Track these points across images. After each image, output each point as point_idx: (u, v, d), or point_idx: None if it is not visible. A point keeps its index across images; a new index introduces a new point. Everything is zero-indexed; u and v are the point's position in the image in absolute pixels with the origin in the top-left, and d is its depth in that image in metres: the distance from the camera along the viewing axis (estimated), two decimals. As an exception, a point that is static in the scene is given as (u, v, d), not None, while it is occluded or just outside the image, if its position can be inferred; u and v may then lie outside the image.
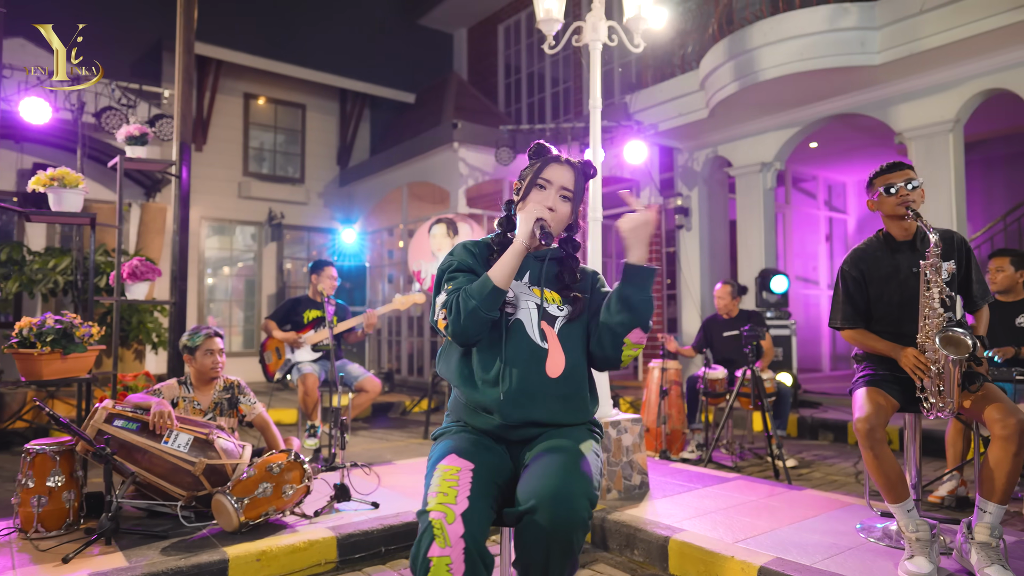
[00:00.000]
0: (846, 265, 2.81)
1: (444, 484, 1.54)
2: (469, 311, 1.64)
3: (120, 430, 2.93)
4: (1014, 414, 2.30)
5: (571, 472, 1.55)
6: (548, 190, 1.77)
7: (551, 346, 1.72)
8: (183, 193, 4.85)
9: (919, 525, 2.39)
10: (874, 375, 2.65)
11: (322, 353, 5.00)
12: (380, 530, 3.00)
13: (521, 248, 1.69)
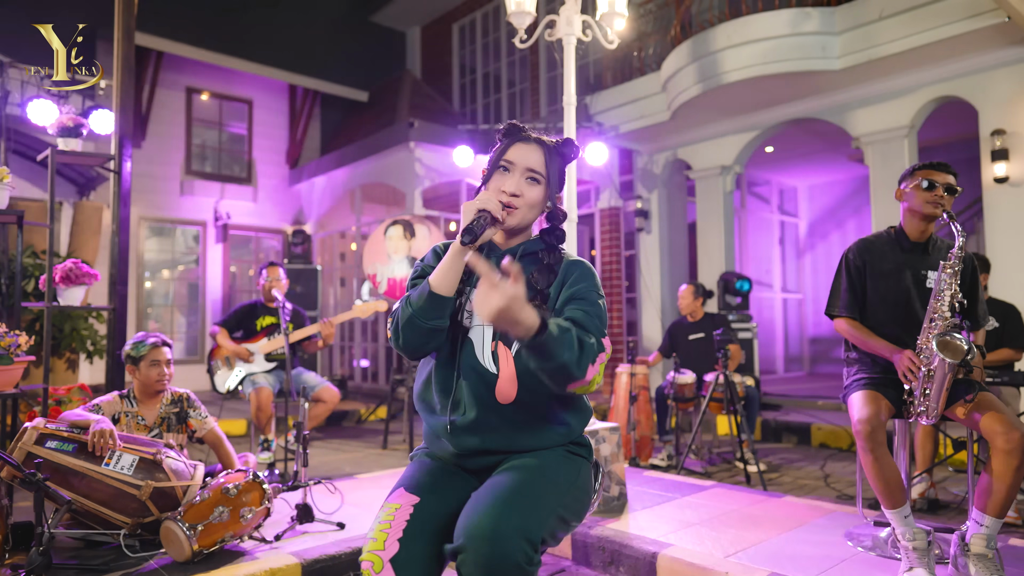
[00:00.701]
0: (851, 253, 2.72)
1: (377, 526, 1.40)
2: (406, 320, 1.47)
3: (54, 452, 2.63)
4: (1018, 427, 2.25)
5: (508, 504, 1.32)
6: (512, 172, 1.56)
7: (503, 370, 1.48)
8: (123, 191, 4.49)
9: (916, 534, 2.32)
10: (870, 378, 2.58)
11: (277, 363, 4.71)
12: (348, 553, 2.78)
13: (459, 249, 1.46)
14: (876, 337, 2.58)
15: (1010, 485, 2.23)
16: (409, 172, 8.49)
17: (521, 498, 1.35)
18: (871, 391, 2.50)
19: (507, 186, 1.54)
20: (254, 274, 10.93)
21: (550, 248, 1.62)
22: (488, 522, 1.29)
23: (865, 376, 2.60)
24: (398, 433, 6.37)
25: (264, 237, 10.77)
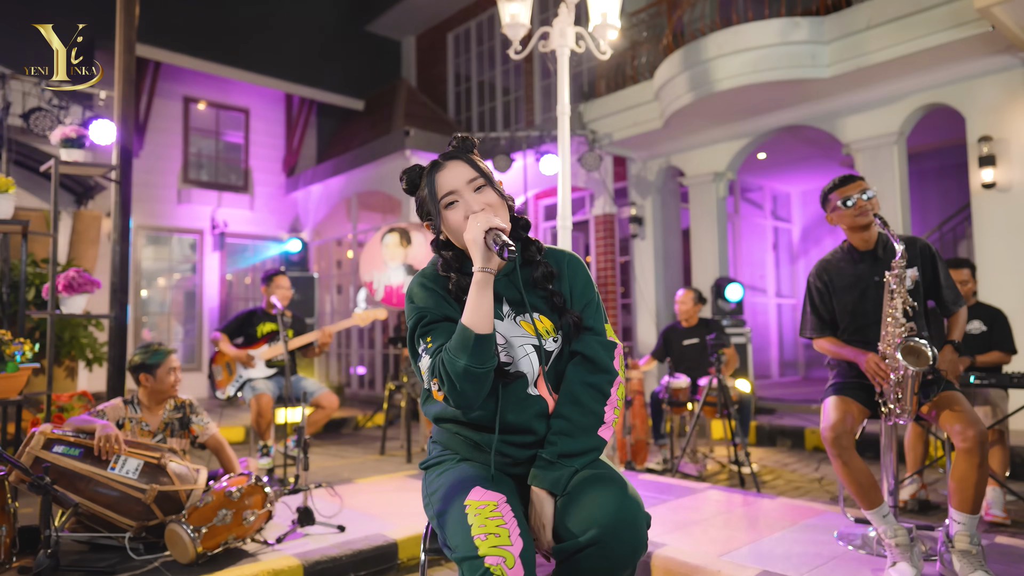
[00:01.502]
0: (812, 276, 2.82)
1: (490, 524, 1.34)
2: (463, 372, 1.39)
3: (61, 457, 2.68)
4: (973, 425, 2.32)
5: (625, 497, 1.41)
6: (460, 199, 1.53)
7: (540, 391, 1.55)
8: (124, 200, 4.54)
9: (897, 530, 2.39)
10: (843, 383, 2.65)
11: (276, 369, 4.77)
12: (349, 555, 2.84)
13: (484, 278, 1.42)
14: (845, 346, 2.68)
15: (975, 482, 2.30)
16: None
17: (626, 491, 1.43)
18: (841, 396, 2.57)
19: (473, 205, 1.51)
20: (250, 282, 10.98)
21: (527, 242, 1.62)
22: (623, 511, 1.37)
23: (839, 381, 2.68)
24: (395, 439, 6.41)
25: (261, 245, 10.81)
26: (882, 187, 6.16)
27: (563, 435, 1.50)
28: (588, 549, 1.35)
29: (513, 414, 1.52)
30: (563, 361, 1.58)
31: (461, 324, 1.42)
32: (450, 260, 1.58)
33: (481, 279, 1.42)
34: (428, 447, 1.70)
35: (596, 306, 1.61)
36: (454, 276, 1.56)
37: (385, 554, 2.94)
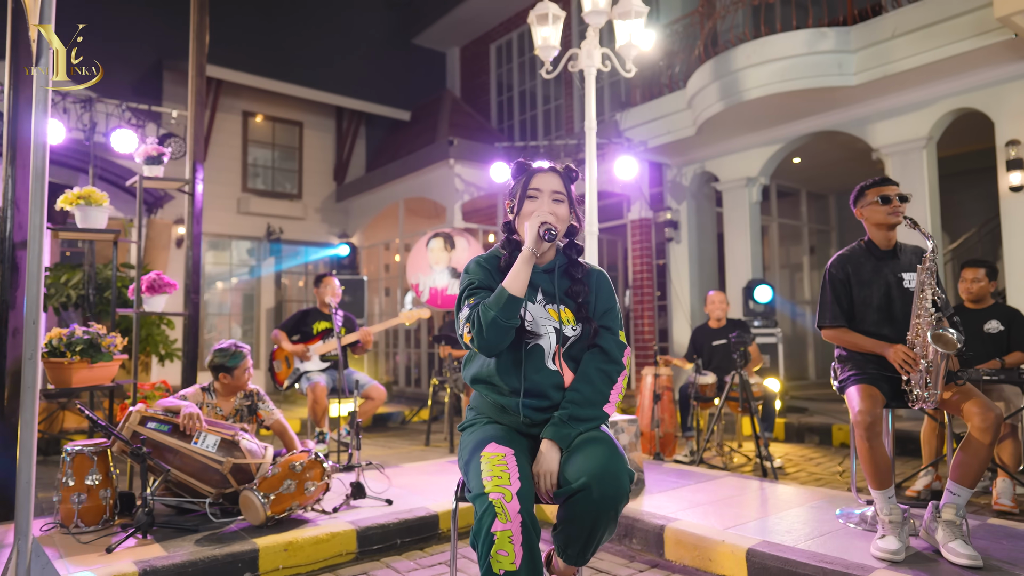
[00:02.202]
0: (833, 268, 3.02)
1: (496, 469, 1.70)
2: (490, 322, 1.77)
3: (153, 432, 3.14)
4: (992, 409, 2.56)
5: (613, 454, 1.75)
6: (540, 198, 1.92)
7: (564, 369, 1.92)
8: (196, 210, 5.06)
9: (893, 509, 2.64)
10: (863, 373, 2.85)
11: (330, 363, 5.21)
12: (396, 524, 3.21)
13: (529, 255, 1.81)
14: (865, 338, 2.88)
15: (983, 458, 2.53)
16: (449, 187, 8.99)
17: (617, 451, 1.79)
18: (867, 385, 2.78)
19: (543, 207, 1.91)
20: (303, 285, 11.59)
21: (574, 263, 2.01)
22: (610, 465, 1.71)
23: (857, 372, 2.88)
24: (439, 433, 6.81)
25: (313, 250, 11.40)
26: (912, 191, 6.26)
27: (575, 404, 1.87)
28: (579, 494, 1.69)
29: (531, 381, 1.88)
30: (578, 347, 1.95)
31: (501, 286, 1.80)
32: (509, 240, 2.01)
33: (527, 256, 1.82)
34: (467, 412, 2.07)
35: (615, 313, 2.02)
36: (506, 254, 1.98)
37: (427, 524, 3.31)
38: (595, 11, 3.93)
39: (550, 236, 1.82)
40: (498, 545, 1.60)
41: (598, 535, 1.72)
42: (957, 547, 2.47)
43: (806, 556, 2.59)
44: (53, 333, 3.69)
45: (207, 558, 2.69)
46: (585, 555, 1.75)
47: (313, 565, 2.94)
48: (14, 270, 3.39)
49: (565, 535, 1.74)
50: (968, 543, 2.49)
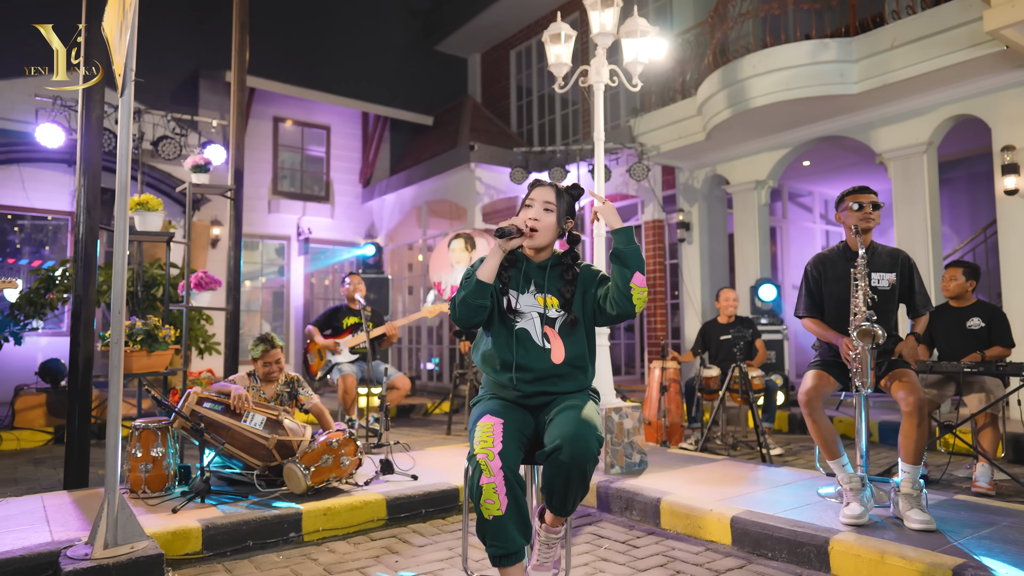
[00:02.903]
0: (809, 266, 3.39)
1: (483, 435, 2.08)
2: (460, 300, 2.20)
3: (208, 411, 3.56)
4: (914, 393, 2.89)
5: (583, 422, 2.09)
6: (533, 206, 2.27)
7: (553, 343, 2.26)
8: (238, 213, 5.51)
9: (851, 478, 2.98)
10: (822, 360, 3.24)
11: (359, 355, 5.63)
12: (421, 495, 3.61)
13: (496, 248, 2.19)
14: (828, 329, 3.24)
15: (916, 438, 2.86)
16: (470, 190, 9.39)
17: (588, 417, 2.11)
18: (819, 370, 3.16)
19: (531, 214, 2.31)
20: (339, 281, 12.07)
21: (568, 266, 2.36)
22: (579, 429, 2.05)
23: (819, 358, 3.26)
24: (460, 424, 7.20)
25: (340, 249, 11.88)
26: (913, 194, 6.55)
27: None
28: (553, 454, 2.04)
29: (520, 357, 2.25)
30: (566, 326, 2.28)
31: (474, 273, 2.21)
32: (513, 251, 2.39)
33: (494, 249, 2.21)
34: (479, 391, 2.45)
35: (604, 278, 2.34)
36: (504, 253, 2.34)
37: (448, 496, 3.69)
38: (602, 33, 4.29)
39: (501, 233, 2.20)
40: (485, 495, 1.97)
41: (573, 489, 2.05)
42: (913, 514, 2.80)
43: (782, 522, 2.93)
44: (116, 325, 4.13)
45: (258, 518, 3.11)
46: (566, 506, 2.09)
47: (348, 528, 3.34)
48: (85, 267, 3.83)
49: (548, 490, 2.10)
50: (924, 510, 2.82)
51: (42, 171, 8.65)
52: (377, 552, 3.05)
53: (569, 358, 2.26)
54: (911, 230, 6.55)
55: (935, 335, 4.70)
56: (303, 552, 3.05)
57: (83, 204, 3.83)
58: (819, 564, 2.72)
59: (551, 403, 2.27)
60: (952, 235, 9.66)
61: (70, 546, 2.64)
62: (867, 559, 2.57)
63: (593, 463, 2.06)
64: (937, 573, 2.38)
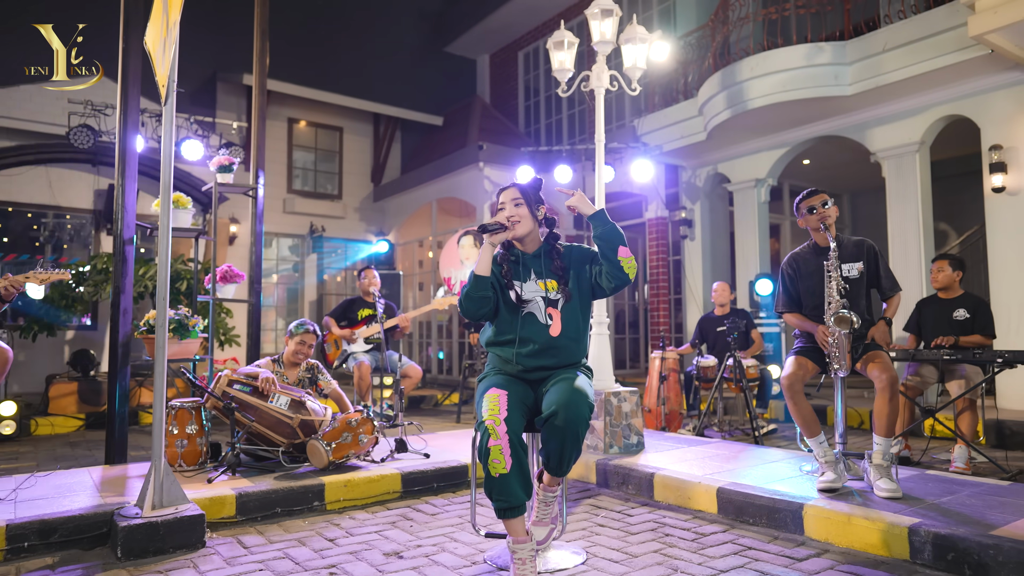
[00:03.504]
0: (784, 265, 3.68)
1: (491, 405, 2.37)
2: (465, 295, 2.53)
3: (238, 392, 3.87)
4: (886, 371, 3.17)
5: (576, 391, 2.39)
6: (506, 206, 2.61)
7: (554, 320, 2.58)
8: (259, 210, 5.83)
9: (826, 452, 3.26)
10: (803, 347, 3.51)
11: (373, 345, 5.94)
12: (433, 471, 3.91)
13: (487, 246, 2.53)
14: (804, 320, 3.53)
15: (888, 413, 3.14)
16: (479, 188, 9.68)
17: (580, 387, 2.42)
18: (799, 357, 3.44)
19: (506, 212, 2.63)
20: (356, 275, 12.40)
21: (554, 247, 2.68)
22: (572, 397, 2.35)
23: (800, 346, 3.54)
24: (469, 413, 7.50)
25: (352, 247, 12.21)
26: (906, 191, 6.79)
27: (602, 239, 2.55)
28: (549, 419, 2.33)
29: (523, 332, 2.55)
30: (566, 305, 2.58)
31: (472, 270, 2.52)
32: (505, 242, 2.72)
33: (486, 246, 2.55)
34: (485, 367, 2.74)
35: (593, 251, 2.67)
36: (502, 251, 2.69)
37: (458, 472, 3.99)
38: (602, 41, 4.56)
39: (483, 229, 2.54)
40: (492, 456, 2.26)
41: (568, 450, 2.34)
42: (882, 483, 3.07)
43: (763, 492, 3.20)
44: (150, 314, 4.46)
45: (285, 488, 3.41)
46: (561, 467, 2.38)
47: (367, 499, 3.64)
48: (124, 261, 4.15)
49: (545, 452, 2.39)
50: (892, 480, 3.09)
51: (68, 171, 9.01)
52: (393, 519, 3.35)
53: (564, 331, 2.57)
54: (904, 226, 6.79)
55: (923, 325, 4.95)
56: (326, 518, 3.36)
57: (121, 203, 4.15)
58: (794, 527, 3.00)
59: (548, 377, 2.57)
60: (951, 232, 9.87)
61: (121, 508, 2.95)
62: (836, 521, 2.85)
63: (585, 427, 2.35)
64: (895, 531, 2.65)
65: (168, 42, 2.96)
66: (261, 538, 3.03)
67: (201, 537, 2.88)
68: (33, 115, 8.45)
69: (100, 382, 6.67)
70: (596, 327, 4.56)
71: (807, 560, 2.66)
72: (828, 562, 2.64)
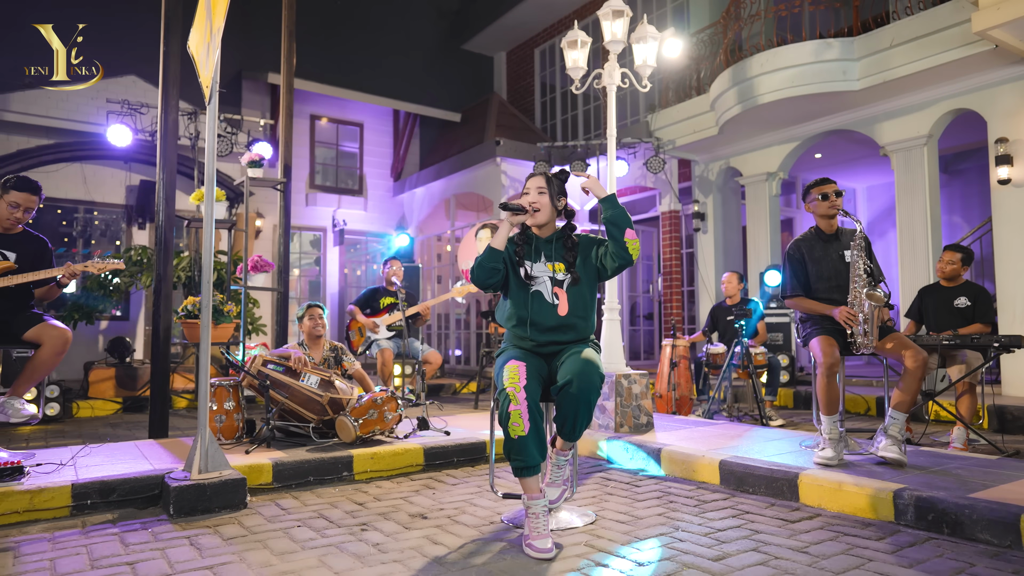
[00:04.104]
0: (791, 250, 3.85)
1: (511, 374, 2.61)
2: (478, 264, 2.76)
3: (271, 371, 4.16)
4: (921, 352, 3.37)
5: (588, 362, 2.63)
6: (530, 192, 2.84)
7: (560, 299, 2.80)
8: (287, 204, 6.12)
9: (833, 429, 3.45)
10: (822, 327, 3.65)
11: (395, 332, 6.21)
12: (453, 446, 4.16)
13: (505, 222, 2.76)
14: (818, 303, 3.68)
15: (914, 391, 3.34)
16: (496, 183, 9.92)
17: (592, 359, 2.65)
18: (826, 336, 3.58)
19: (530, 198, 2.86)
20: (380, 266, 12.72)
21: (568, 237, 2.91)
22: (585, 367, 2.59)
23: (819, 327, 3.67)
24: (487, 401, 7.75)
25: (373, 240, 12.52)
26: (914, 184, 6.93)
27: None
28: (564, 388, 2.56)
29: (534, 314, 2.79)
30: (571, 284, 2.82)
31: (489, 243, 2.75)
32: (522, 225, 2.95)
33: (504, 221, 2.77)
34: (501, 345, 2.99)
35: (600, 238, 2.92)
36: (519, 240, 2.91)
37: (476, 447, 4.25)
38: (613, 40, 4.78)
39: (505, 206, 2.77)
40: (512, 419, 2.50)
41: (580, 418, 2.59)
42: (892, 451, 3.28)
43: (762, 463, 3.42)
44: (189, 300, 4.76)
45: (317, 459, 3.69)
46: (574, 432, 2.63)
47: (392, 471, 3.91)
48: (165, 251, 4.45)
49: (560, 418, 2.63)
50: (902, 452, 3.30)
51: (102, 168, 9.39)
52: (417, 488, 3.61)
53: (572, 310, 2.80)
54: (912, 217, 6.93)
55: (925, 312, 5.11)
56: (355, 487, 3.63)
57: (162, 195, 4.45)
58: (790, 495, 3.21)
59: (561, 351, 2.81)
60: (963, 224, 9.96)
61: (170, 472, 3.24)
62: (828, 488, 3.06)
63: (596, 395, 2.59)
64: (881, 495, 2.86)
65: (211, 47, 3.23)
66: (297, 501, 3.31)
67: (243, 499, 3.16)
68: (69, 114, 8.82)
69: (136, 368, 7.02)
70: (608, 313, 4.79)
71: (799, 522, 2.88)
72: (818, 523, 2.86)
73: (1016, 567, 2.30)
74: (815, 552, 2.48)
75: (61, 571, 2.33)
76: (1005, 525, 2.48)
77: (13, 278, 3.54)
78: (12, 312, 3.57)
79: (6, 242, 3.63)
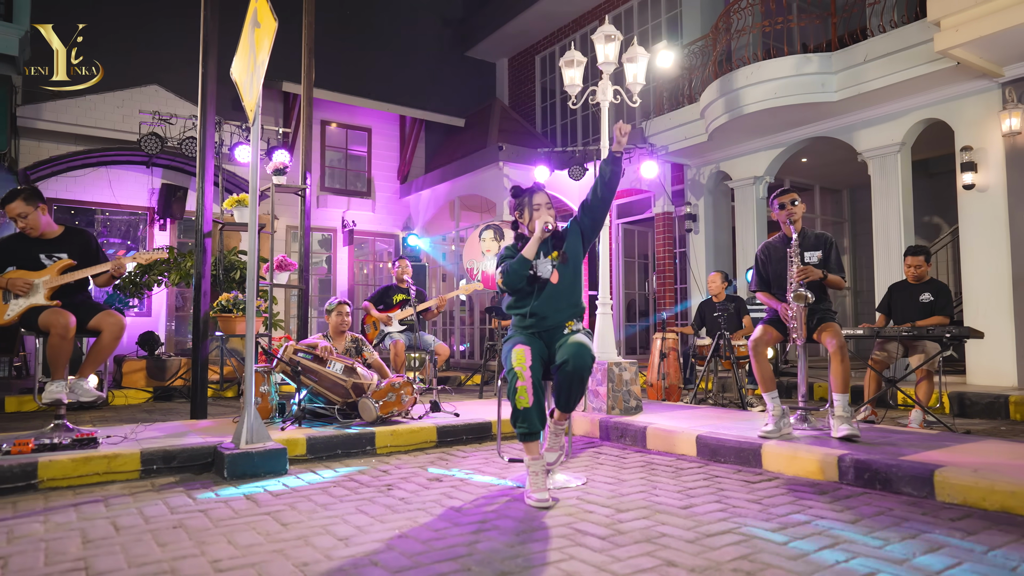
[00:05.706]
0: (758, 251, 4.40)
1: (519, 356, 3.11)
2: (512, 271, 3.23)
3: (301, 359, 4.68)
4: (836, 337, 3.88)
5: (581, 345, 3.13)
6: (541, 208, 3.36)
7: (555, 275, 3.30)
8: (307, 208, 6.64)
9: (776, 406, 3.98)
10: (769, 319, 4.22)
11: (407, 326, 6.74)
12: (463, 426, 4.68)
13: (538, 238, 3.27)
14: (771, 298, 4.24)
15: (841, 372, 3.85)
16: (498, 186, 10.43)
17: (585, 343, 3.15)
18: (765, 325, 4.16)
19: (548, 215, 3.36)
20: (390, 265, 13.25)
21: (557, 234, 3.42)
22: (579, 349, 3.09)
23: (767, 317, 4.24)
24: (491, 392, 8.27)
25: (380, 240, 13.03)
26: (888, 188, 7.44)
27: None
28: (563, 365, 3.08)
29: (539, 302, 3.29)
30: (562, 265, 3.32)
31: (520, 254, 3.26)
32: (519, 235, 3.46)
33: (537, 237, 3.27)
34: (507, 332, 3.51)
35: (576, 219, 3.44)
36: (520, 245, 3.40)
37: (484, 427, 4.77)
38: (606, 62, 5.30)
39: (549, 230, 3.25)
40: (519, 393, 3.02)
41: (575, 390, 3.10)
42: (843, 429, 3.79)
43: (732, 436, 3.94)
44: (223, 296, 5.28)
45: (344, 435, 4.21)
46: (570, 404, 3.15)
47: (408, 446, 4.43)
48: (204, 251, 4.97)
49: (557, 393, 3.15)
50: (852, 427, 3.81)
51: (126, 172, 9.92)
52: (432, 459, 4.13)
53: (561, 279, 3.31)
54: (887, 219, 7.43)
55: (893, 307, 5.62)
56: (377, 459, 4.15)
57: (202, 202, 4.97)
58: (755, 462, 3.73)
59: (557, 333, 3.31)
60: (943, 224, 10.46)
61: (220, 443, 3.76)
62: (785, 455, 3.58)
63: (588, 372, 3.11)
64: (828, 460, 3.38)
65: (255, 77, 3.74)
66: (329, 469, 3.83)
67: (285, 465, 3.68)
68: (97, 121, 9.34)
69: (164, 360, 7.54)
70: (601, 307, 5.30)
71: (759, 483, 3.40)
72: (775, 484, 3.37)
73: (924, 510, 2.81)
74: (766, 503, 2.99)
75: (149, 514, 2.85)
76: (923, 480, 2.99)
77: (73, 274, 4.07)
78: (75, 306, 4.09)
79: (52, 245, 4.13)
